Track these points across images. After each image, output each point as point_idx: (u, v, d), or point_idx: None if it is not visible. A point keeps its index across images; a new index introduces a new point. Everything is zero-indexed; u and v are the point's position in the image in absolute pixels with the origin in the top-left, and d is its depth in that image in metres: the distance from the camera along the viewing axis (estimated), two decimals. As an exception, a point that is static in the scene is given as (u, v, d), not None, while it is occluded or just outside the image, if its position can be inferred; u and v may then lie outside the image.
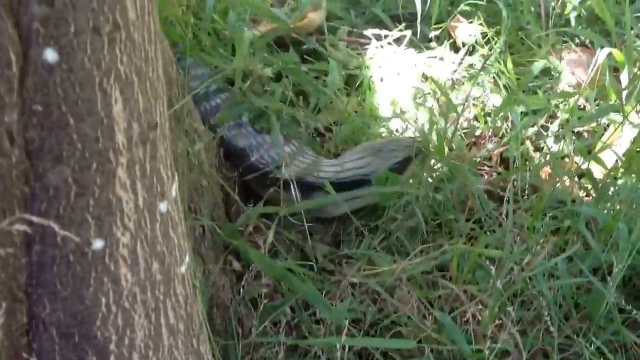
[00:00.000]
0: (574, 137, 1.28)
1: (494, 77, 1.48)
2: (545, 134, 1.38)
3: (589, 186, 1.23)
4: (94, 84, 0.55)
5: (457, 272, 0.97)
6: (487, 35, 1.56)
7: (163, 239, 0.62)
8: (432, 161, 1.25)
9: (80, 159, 0.55)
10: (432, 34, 1.60)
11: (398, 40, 1.58)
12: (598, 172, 1.26)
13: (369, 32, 1.57)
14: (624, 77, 1.38)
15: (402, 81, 1.48)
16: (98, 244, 0.57)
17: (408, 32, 1.57)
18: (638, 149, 1.15)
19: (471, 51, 1.57)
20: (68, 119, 0.54)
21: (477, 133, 1.43)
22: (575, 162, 1.29)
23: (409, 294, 0.92)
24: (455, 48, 1.60)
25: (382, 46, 1.56)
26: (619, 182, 1.17)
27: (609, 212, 1.10)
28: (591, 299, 1.00)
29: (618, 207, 1.10)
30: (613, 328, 0.99)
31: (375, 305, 1.01)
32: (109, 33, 0.55)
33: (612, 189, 1.17)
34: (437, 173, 1.24)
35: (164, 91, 0.64)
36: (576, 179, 1.26)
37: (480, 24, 1.57)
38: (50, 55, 0.54)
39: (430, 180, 1.23)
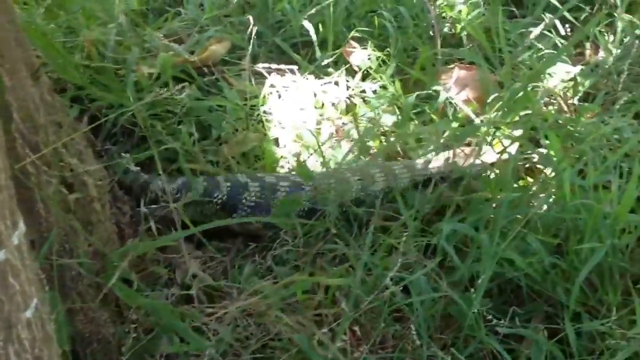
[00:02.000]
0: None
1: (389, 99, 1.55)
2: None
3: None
4: None
5: (303, 297, 1.03)
6: (378, 58, 1.63)
7: (1, 287, 0.65)
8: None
9: None
10: (326, 61, 1.65)
11: (299, 68, 1.64)
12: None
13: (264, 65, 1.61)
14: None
15: (300, 108, 1.54)
16: None
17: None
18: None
19: (367, 74, 1.63)
20: None
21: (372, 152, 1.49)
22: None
23: (276, 317, 0.97)
24: (352, 72, 1.65)
25: (282, 75, 1.61)
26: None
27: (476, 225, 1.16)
28: (459, 310, 1.06)
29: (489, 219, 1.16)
30: (480, 337, 1.04)
31: (259, 327, 1.05)
32: None
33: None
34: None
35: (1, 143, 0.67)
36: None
37: (373, 49, 1.63)
38: None
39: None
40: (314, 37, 1.61)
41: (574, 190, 1.13)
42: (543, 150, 1.29)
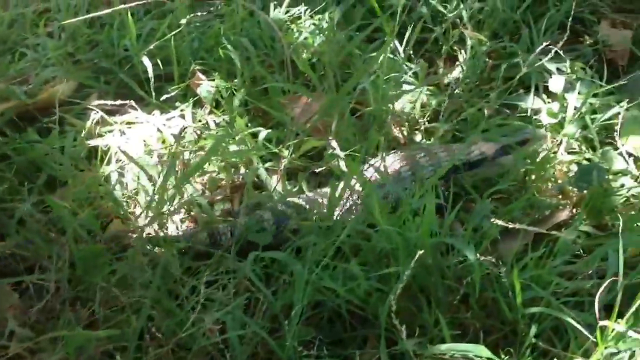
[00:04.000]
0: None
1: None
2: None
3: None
4: None
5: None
6: (229, 89, 1.62)
7: None
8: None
9: None
10: (165, 95, 1.63)
11: (145, 103, 1.61)
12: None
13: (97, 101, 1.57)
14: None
15: (143, 144, 1.51)
16: None
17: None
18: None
19: (216, 106, 1.61)
20: None
21: (222, 183, 1.48)
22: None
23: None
24: (201, 104, 1.64)
25: (126, 112, 1.58)
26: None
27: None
28: (276, 344, 1.04)
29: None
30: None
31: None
32: None
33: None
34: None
35: None
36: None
37: (220, 81, 1.61)
38: None
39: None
40: (150, 72, 1.59)
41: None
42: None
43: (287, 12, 1.83)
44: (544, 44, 1.57)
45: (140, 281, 1.10)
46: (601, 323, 0.96)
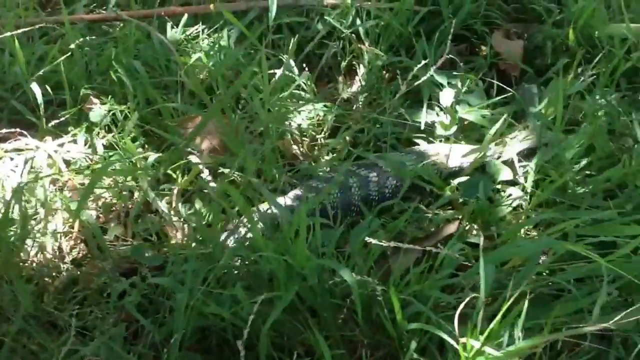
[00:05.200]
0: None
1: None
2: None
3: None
4: None
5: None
6: (123, 112, 1.60)
7: None
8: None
9: None
10: (59, 120, 1.59)
11: (37, 129, 1.58)
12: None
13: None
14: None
15: (31, 171, 1.47)
16: None
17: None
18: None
19: (109, 130, 1.59)
20: None
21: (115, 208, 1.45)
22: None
23: None
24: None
25: (19, 138, 1.54)
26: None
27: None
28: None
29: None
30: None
31: None
32: None
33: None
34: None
35: None
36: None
37: (112, 104, 1.59)
38: None
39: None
40: (39, 98, 1.56)
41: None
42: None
43: (184, 31, 1.82)
44: (443, 56, 1.60)
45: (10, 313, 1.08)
46: (462, 340, 0.97)
